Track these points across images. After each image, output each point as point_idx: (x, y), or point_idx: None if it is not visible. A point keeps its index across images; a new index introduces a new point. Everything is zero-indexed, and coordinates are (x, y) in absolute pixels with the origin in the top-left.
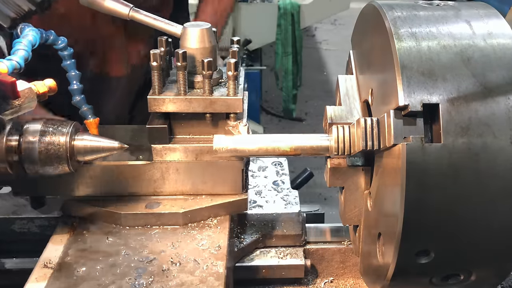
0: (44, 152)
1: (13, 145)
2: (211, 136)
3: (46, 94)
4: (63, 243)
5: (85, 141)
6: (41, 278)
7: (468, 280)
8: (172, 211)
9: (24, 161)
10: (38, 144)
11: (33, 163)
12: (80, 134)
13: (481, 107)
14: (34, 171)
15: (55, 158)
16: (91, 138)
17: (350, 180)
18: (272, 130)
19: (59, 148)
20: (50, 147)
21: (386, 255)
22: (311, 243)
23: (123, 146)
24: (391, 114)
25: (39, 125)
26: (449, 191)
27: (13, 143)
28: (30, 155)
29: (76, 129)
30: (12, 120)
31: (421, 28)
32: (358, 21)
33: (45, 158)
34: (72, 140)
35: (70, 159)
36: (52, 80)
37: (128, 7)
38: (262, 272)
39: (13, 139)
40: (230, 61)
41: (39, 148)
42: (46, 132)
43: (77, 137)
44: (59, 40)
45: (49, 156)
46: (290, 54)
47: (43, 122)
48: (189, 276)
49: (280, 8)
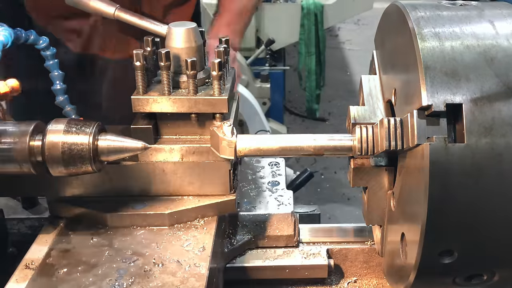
0: (67, 152)
1: (36, 145)
2: (198, 137)
3: (8, 95)
4: (48, 244)
5: (108, 141)
6: (22, 279)
7: (491, 280)
8: (158, 211)
9: (48, 162)
10: (62, 144)
11: (57, 163)
12: (104, 134)
13: (504, 107)
14: (58, 171)
15: (79, 159)
16: (114, 138)
17: (374, 180)
18: (295, 130)
19: (83, 148)
20: (73, 147)
21: (409, 255)
22: (334, 243)
23: (146, 146)
24: (414, 114)
25: (62, 125)
26: (472, 191)
27: (36, 143)
28: (54, 155)
29: (100, 129)
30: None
31: (444, 28)
32: (381, 21)
33: (69, 158)
34: (96, 140)
35: (94, 160)
36: (15, 80)
37: (114, 7)
38: (285, 272)
39: (36, 140)
40: (214, 61)
41: (62, 149)
42: (69, 132)
43: (101, 137)
44: (40, 40)
45: (73, 156)
46: (313, 54)
47: (66, 122)
48: (170, 277)
49: (304, 8)
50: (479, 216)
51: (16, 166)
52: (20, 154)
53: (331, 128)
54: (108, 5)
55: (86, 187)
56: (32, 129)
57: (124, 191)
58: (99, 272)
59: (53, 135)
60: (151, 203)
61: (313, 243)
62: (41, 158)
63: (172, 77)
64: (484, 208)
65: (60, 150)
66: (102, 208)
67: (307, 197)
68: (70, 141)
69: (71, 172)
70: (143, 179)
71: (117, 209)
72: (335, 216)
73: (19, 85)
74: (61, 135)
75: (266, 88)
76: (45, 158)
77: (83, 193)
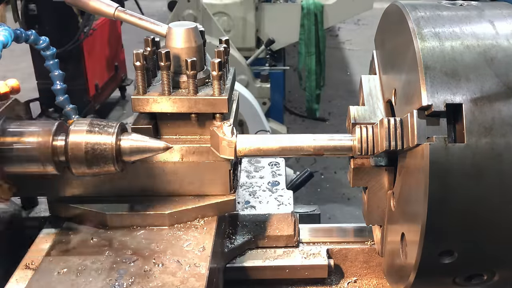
0: (90, 152)
1: (59, 145)
2: (198, 137)
3: (7, 95)
4: (48, 244)
5: (131, 141)
6: (22, 279)
7: (491, 280)
8: (158, 212)
9: (71, 162)
10: (85, 144)
11: (80, 163)
12: (126, 134)
13: (504, 107)
14: (81, 171)
15: (102, 158)
16: (137, 138)
17: (374, 180)
18: (295, 130)
19: (105, 148)
20: (96, 147)
21: (409, 255)
22: (334, 243)
23: (169, 146)
24: (414, 114)
25: (85, 125)
26: (472, 191)
27: (59, 143)
28: (77, 155)
29: (122, 129)
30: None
31: (444, 28)
32: (381, 21)
33: (92, 158)
34: (119, 140)
35: (116, 160)
36: (15, 80)
37: (113, 7)
38: (285, 272)
39: (59, 140)
40: (214, 61)
41: (85, 149)
42: (92, 132)
43: (123, 137)
44: (40, 39)
45: (96, 156)
46: (313, 54)
47: (89, 122)
48: (170, 277)
49: (304, 8)
50: (479, 216)
51: (39, 166)
52: (44, 154)
53: (331, 128)
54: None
55: (86, 187)
56: (55, 129)
57: (124, 191)
58: (99, 272)
59: (76, 135)
60: (151, 203)
61: (313, 243)
62: (64, 158)
63: (172, 77)
64: (484, 208)
65: (83, 150)
66: (102, 208)
67: (307, 197)
68: (93, 141)
69: (94, 172)
70: (143, 179)
71: (117, 209)
72: (335, 216)
73: (19, 85)
74: (84, 135)
75: (266, 88)
76: (68, 158)
77: (83, 193)
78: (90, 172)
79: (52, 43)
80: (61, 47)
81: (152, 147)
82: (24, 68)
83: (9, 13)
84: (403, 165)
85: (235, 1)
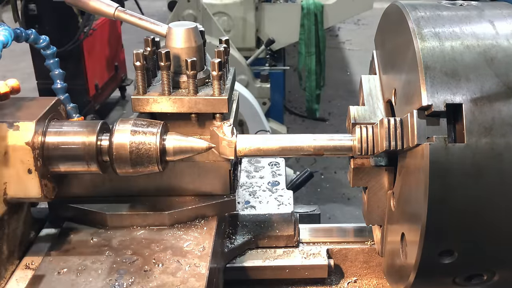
0: (135, 152)
1: (104, 145)
2: (198, 137)
3: (8, 94)
4: (48, 244)
5: (174, 141)
6: (22, 279)
7: (491, 280)
8: (158, 211)
9: (115, 161)
10: (129, 144)
11: (124, 163)
12: (170, 134)
13: (504, 107)
14: (124, 171)
15: (146, 158)
16: (180, 138)
17: (374, 180)
18: (295, 130)
19: (150, 148)
20: (141, 147)
21: (409, 255)
22: (334, 243)
23: (211, 145)
24: (414, 114)
25: (129, 125)
26: (472, 191)
27: (104, 143)
28: (121, 155)
29: (165, 129)
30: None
31: (444, 28)
32: (381, 21)
33: (136, 158)
34: (163, 140)
35: (160, 160)
36: (16, 80)
37: (113, 7)
38: (285, 272)
39: (103, 140)
40: (214, 61)
41: (130, 148)
42: (137, 132)
43: (167, 137)
44: (40, 39)
45: (140, 156)
46: (313, 54)
47: (133, 122)
48: (170, 277)
49: (304, 8)
50: (479, 216)
51: (84, 165)
52: (88, 153)
53: (331, 128)
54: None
55: (86, 187)
56: (99, 129)
57: (124, 191)
58: (99, 272)
59: (120, 135)
60: (151, 203)
61: (313, 243)
62: (107, 158)
63: (172, 77)
64: (484, 208)
65: (128, 150)
66: (102, 208)
67: (307, 197)
68: (137, 141)
69: (137, 172)
70: (143, 179)
71: (117, 209)
72: (335, 216)
73: (19, 85)
74: (128, 135)
75: (266, 88)
76: (113, 158)
77: (83, 193)
78: (134, 172)
79: (52, 43)
80: (61, 47)
81: (195, 147)
82: (24, 68)
83: (9, 13)
84: (403, 165)
85: (235, 1)
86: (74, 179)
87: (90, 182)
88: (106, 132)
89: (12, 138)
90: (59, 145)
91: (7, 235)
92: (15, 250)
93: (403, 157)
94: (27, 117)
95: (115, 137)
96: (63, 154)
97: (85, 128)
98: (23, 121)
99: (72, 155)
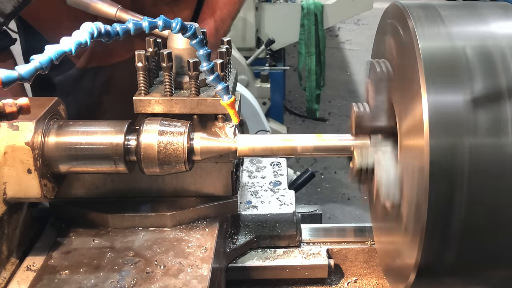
0: (163, 152)
1: (132, 145)
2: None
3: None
4: (49, 245)
5: (202, 140)
6: (23, 281)
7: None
8: (159, 213)
9: (143, 161)
10: (157, 144)
11: (152, 163)
12: (197, 134)
13: (504, 107)
14: (152, 170)
15: (174, 158)
16: (208, 137)
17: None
18: (295, 130)
19: (178, 148)
20: (168, 147)
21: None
22: (334, 243)
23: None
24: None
25: (157, 125)
26: (472, 191)
27: (132, 143)
28: (149, 155)
29: (192, 128)
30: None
31: (444, 28)
32: (381, 21)
33: (164, 157)
34: (190, 139)
35: (188, 160)
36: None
37: (115, 7)
38: (285, 272)
39: (131, 139)
40: (216, 61)
41: (158, 148)
42: (164, 132)
43: (194, 137)
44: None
45: (168, 155)
46: (313, 54)
47: (160, 121)
48: (173, 279)
49: (304, 8)
50: (479, 216)
51: (111, 164)
52: (116, 153)
53: (331, 128)
54: (109, 6)
55: (88, 188)
56: (127, 128)
57: (125, 192)
58: (100, 274)
59: (148, 135)
60: (153, 204)
61: (313, 243)
62: (135, 157)
63: (174, 78)
64: (484, 208)
65: (156, 150)
66: (104, 209)
67: (307, 197)
68: (165, 141)
69: (165, 171)
70: (145, 180)
71: (119, 210)
72: (335, 216)
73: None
74: (156, 135)
75: (266, 88)
76: (141, 158)
77: (84, 194)
78: (161, 172)
79: None
80: None
81: (223, 147)
82: None
83: None
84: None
85: None
86: (76, 180)
87: (92, 183)
88: (133, 132)
89: (11, 138)
90: (88, 145)
91: (7, 235)
92: (15, 250)
93: (403, 156)
94: (27, 117)
95: (142, 137)
96: (91, 154)
97: (113, 128)
98: (23, 121)
99: (100, 155)
